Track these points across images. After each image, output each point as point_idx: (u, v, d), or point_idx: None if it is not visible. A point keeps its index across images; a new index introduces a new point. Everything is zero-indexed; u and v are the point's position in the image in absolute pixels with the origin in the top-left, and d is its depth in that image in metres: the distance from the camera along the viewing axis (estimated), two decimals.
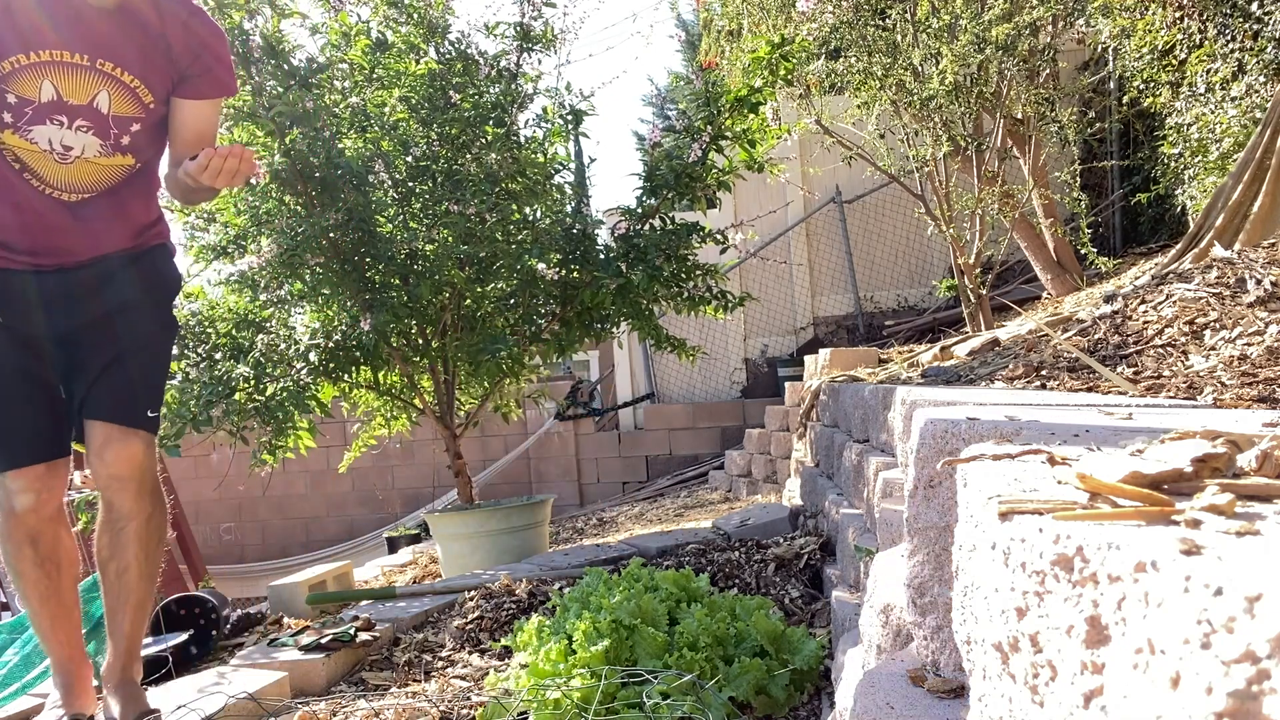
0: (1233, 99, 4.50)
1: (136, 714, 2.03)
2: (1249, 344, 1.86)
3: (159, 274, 2.22)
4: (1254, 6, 4.31)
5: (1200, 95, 4.83)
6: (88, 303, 2.09)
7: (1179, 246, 3.50)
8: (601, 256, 4.11)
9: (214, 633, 3.30)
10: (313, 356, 3.80)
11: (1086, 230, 4.87)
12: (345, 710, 2.14)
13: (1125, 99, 6.34)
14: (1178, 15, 4.92)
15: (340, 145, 3.86)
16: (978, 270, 4.93)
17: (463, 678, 2.40)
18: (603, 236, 4.34)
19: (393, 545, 7.05)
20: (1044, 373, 2.20)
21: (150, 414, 2.13)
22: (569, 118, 4.16)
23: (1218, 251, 2.77)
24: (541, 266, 3.76)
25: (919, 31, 4.68)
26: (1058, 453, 0.74)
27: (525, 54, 4.12)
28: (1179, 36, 4.94)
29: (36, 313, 2.04)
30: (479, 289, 4.14)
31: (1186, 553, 0.42)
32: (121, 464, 2.05)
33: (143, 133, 2.06)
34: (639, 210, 4.19)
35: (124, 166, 2.06)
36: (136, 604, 2.10)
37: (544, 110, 4.24)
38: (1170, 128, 5.40)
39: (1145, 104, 5.60)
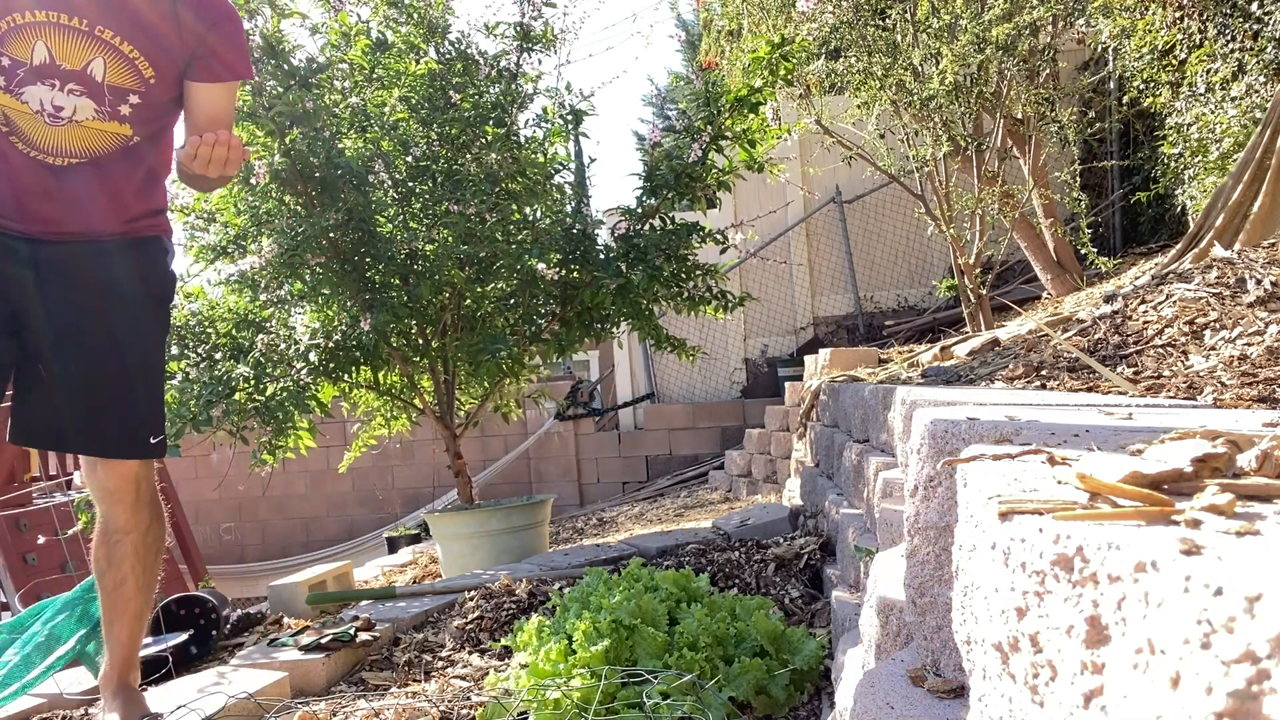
0: (1233, 99, 4.50)
1: (137, 718, 2.02)
2: (1249, 344, 1.86)
3: (157, 267, 2.13)
4: (1254, 6, 4.31)
5: (1200, 95, 4.83)
6: (82, 280, 1.99)
7: (1179, 246, 3.50)
8: (601, 256, 4.11)
9: (214, 633, 3.30)
10: (313, 356, 3.80)
11: (1086, 230, 4.87)
12: (345, 710, 2.14)
13: (1125, 99, 6.34)
14: (1178, 15, 4.92)
15: (340, 145, 3.86)
16: (978, 270, 4.93)
17: (463, 678, 2.40)
18: (603, 236, 4.34)
19: (393, 545, 7.06)
20: (1044, 373, 2.20)
21: (153, 440, 2.05)
22: (569, 118, 4.16)
23: (1218, 251, 2.77)
24: (541, 266, 3.76)
25: (919, 31, 4.68)
26: (1058, 453, 0.74)
27: (525, 54, 4.12)
28: (1179, 36, 4.95)
29: (24, 270, 1.95)
30: (479, 289, 4.14)
31: (1186, 553, 0.42)
32: (116, 478, 2.01)
33: (144, 108, 1.98)
34: (639, 210, 4.19)
35: (118, 136, 1.98)
36: (134, 615, 2.07)
37: (544, 110, 4.24)
38: (1170, 128, 5.40)
39: (1145, 104, 5.60)
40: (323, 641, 2.57)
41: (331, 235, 3.70)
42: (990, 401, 1.47)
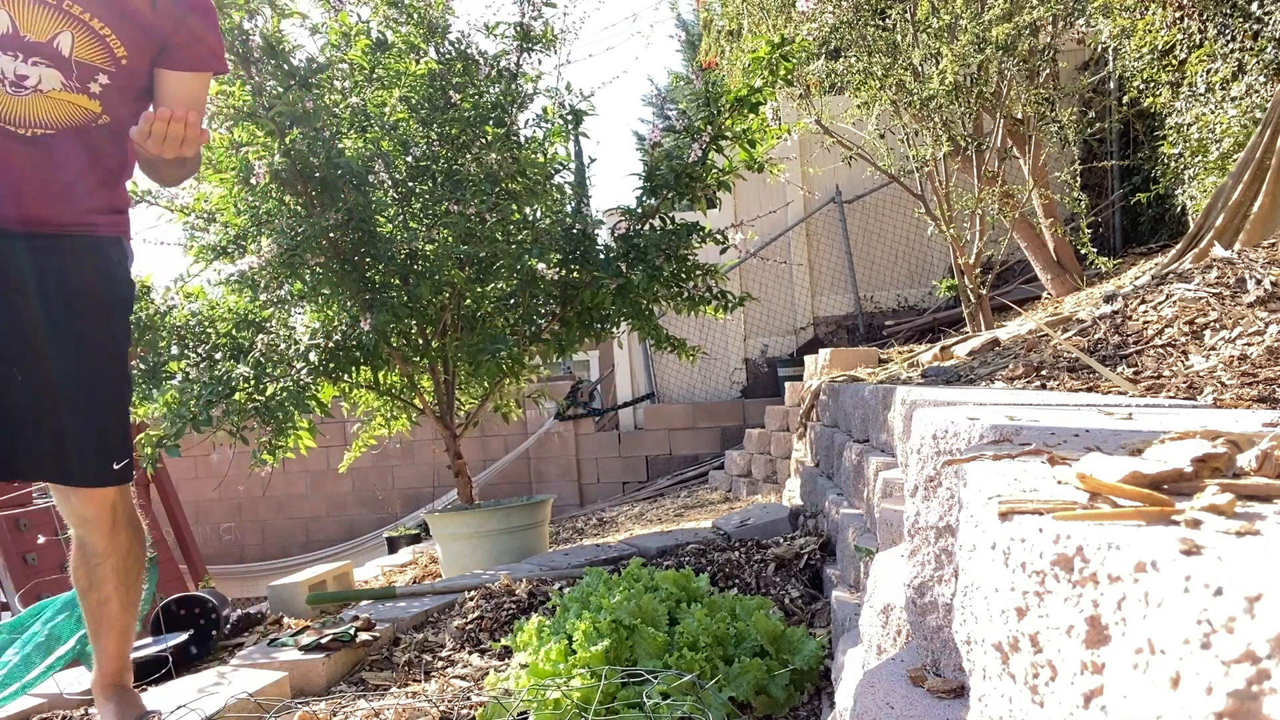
0: (1233, 99, 4.50)
1: (135, 717, 2.01)
2: (1249, 344, 1.86)
3: (127, 272, 2.01)
4: (1254, 6, 4.31)
5: (1200, 95, 4.83)
6: (74, 281, 1.88)
7: (1179, 246, 3.50)
8: (601, 256, 4.11)
9: (214, 633, 3.30)
10: (313, 356, 3.80)
11: (1086, 230, 4.87)
12: (345, 710, 2.14)
13: (1125, 99, 6.34)
14: (1178, 15, 4.92)
15: (340, 145, 3.86)
16: (978, 270, 4.93)
17: (463, 678, 2.40)
18: (603, 236, 4.34)
19: (393, 545, 7.06)
20: (1044, 373, 2.20)
21: (118, 465, 1.93)
22: (569, 118, 4.16)
23: (1218, 251, 2.77)
24: (541, 266, 3.76)
25: (919, 31, 4.68)
26: (1058, 453, 0.74)
27: (525, 54, 4.12)
28: (1179, 36, 4.94)
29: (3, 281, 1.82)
30: (479, 289, 4.14)
31: (1186, 553, 0.42)
32: (93, 506, 1.92)
33: (114, 89, 1.88)
34: (639, 210, 4.19)
35: (87, 111, 1.87)
36: (120, 631, 2.02)
37: (544, 110, 4.24)
38: (1170, 128, 5.40)
39: (1145, 104, 5.60)
40: (323, 641, 2.57)
41: (331, 235, 3.70)
42: (990, 401, 1.47)
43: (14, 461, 1.90)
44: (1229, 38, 4.53)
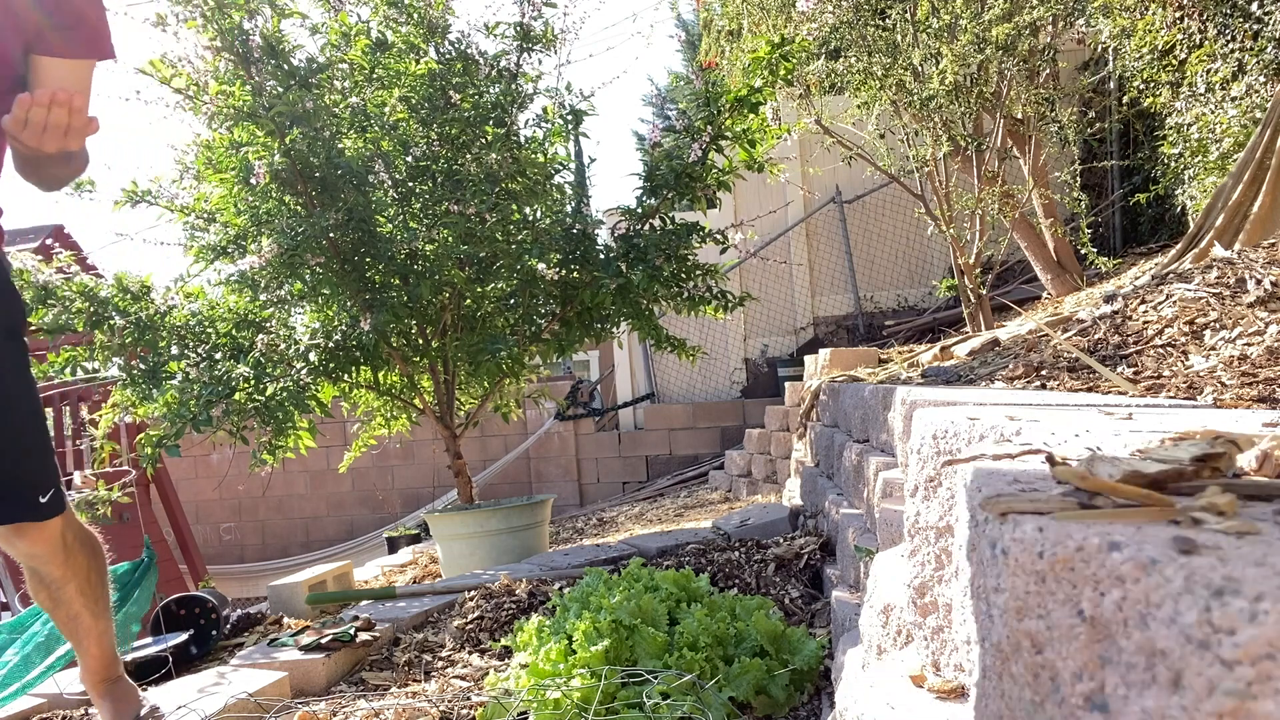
0: (1233, 99, 4.50)
1: (134, 715, 1.99)
2: (1249, 344, 1.86)
3: (10, 287, 1.77)
4: (1254, 6, 4.31)
5: (1200, 95, 4.83)
6: None
7: (1179, 246, 3.50)
8: (601, 256, 4.11)
9: (214, 633, 3.30)
10: (313, 356, 3.80)
11: (1086, 230, 4.87)
12: (345, 710, 2.14)
13: (1125, 99, 6.34)
14: (1178, 15, 4.92)
15: (340, 145, 3.86)
16: (978, 270, 4.93)
17: (463, 678, 2.40)
18: (603, 236, 4.34)
19: (393, 545, 7.06)
20: (1044, 373, 2.20)
21: (43, 499, 1.74)
22: (569, 118, 4.16)
23: (1218, 251, 2.77)
24: (541, 266, 3.76)
25: (919, 31, 4.68)
26: (1058, 453, 0.74)
27: (525, 54, 4.12)
28: (1179, 36, 4.94)
29: None
30: (479, 289, 4.15)
31: (1186, 553, 0.42)
32: (40, 545, 1.78)
33: None
34: (639, 210, 4.19)
35: None
36: (99, 636, 1.94)
37: (544, 110, 4.24)
38: (1170, 128, 5.40)
39: (1145, 104, 5.60)
40: (323, 641, 2.57)
41: (331, 235, 3.71)
42: (990, 401, 1.47)
43: None
44: (1229, 38, 4.53)
